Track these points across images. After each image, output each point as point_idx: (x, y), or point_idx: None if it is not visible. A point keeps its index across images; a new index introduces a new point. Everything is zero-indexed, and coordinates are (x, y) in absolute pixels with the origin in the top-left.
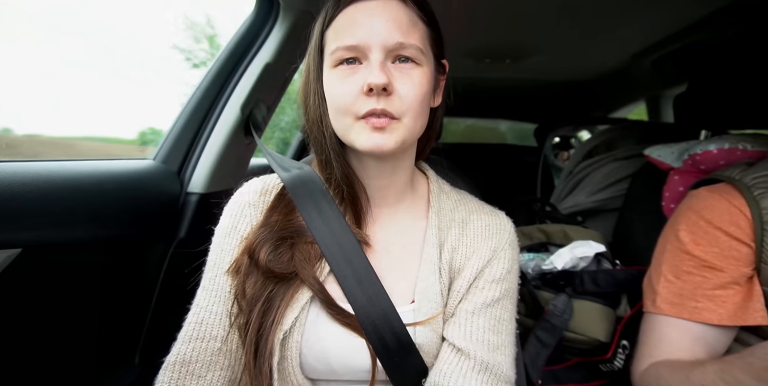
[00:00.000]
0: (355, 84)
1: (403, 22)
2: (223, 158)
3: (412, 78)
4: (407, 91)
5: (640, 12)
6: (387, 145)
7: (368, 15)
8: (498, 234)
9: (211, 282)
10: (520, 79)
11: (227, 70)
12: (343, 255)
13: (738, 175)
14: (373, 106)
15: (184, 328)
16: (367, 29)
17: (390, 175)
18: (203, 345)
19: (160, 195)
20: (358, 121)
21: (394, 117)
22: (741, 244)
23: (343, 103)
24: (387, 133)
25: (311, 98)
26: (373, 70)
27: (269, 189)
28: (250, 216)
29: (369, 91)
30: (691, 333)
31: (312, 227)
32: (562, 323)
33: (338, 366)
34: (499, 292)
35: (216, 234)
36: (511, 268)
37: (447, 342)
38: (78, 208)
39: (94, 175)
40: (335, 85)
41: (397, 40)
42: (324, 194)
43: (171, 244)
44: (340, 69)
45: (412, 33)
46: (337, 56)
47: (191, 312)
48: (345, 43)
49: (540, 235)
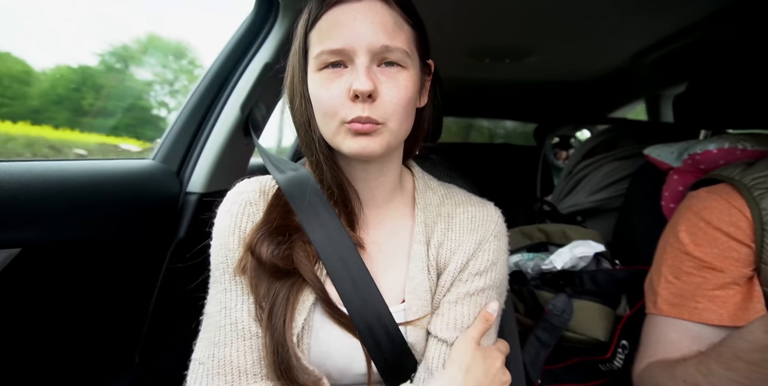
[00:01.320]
0: (340, 88)
1: (388, 24)
2: (223, 158)
3: (398, 82)
4: (393, 95)
5: (640, 12)
6: (372, 149)
7: (352, 17)
8: (483, 225)
9: (232, 283)
10: (520, 79)
11: (227, 69)
12: (339, 257)
13: (738, 175)
14: (358, 113)
15: (216, 332)
16: (351, 32)
17: (378, 176)
18: (246, 343)
19: (160, 195)
20: (343, 125)
21: (379, 122)
22: (741, 245)
23: (329, 108)
24: (372, 136)
25: (297, 101)
26: (360, 76)
27: (267, 189)
28: (252, 215)
29: (355, 98)
30: (690, 333)
31: (308, 228)
32: (561, 323)
33: (334, 370)
34: (483, 283)
35: (217, 235)
36: (496, 260)
37: (431, 335)
38: (77, 208)
39: (93, 175)
40: (320, 90)
41: (383, 43)
42: (319, 196)
43: (170, 244)
44: (325, 72)
45: (398, 36)
46: (322, 60)
47: (220, 315)
48: (329, 47)
49: (540, 235)
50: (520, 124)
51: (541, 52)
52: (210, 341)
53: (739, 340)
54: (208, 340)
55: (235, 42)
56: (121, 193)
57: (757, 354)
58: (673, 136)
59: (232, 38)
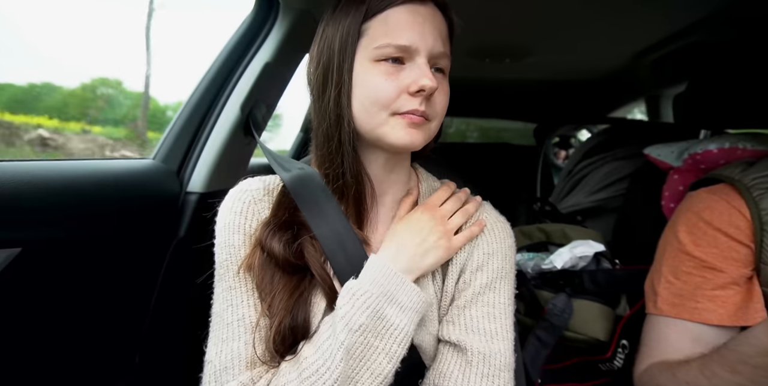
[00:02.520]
0: (400, 81)
1: (443, 33)
2: (223, 157)
3: (443, 88)
4: (441, 99)
5: (640, 12)
6: (418, 141)
7: (422, 20)
8: None
9: (236, 280)
10: (520, 79)
11: (227, 69)
12: (345, 255)
13: (738, 175)
14: (416, 106)
15: (224, 329)
16: (420, 33)
17: (389, 174)
18: (254, 337)
19: (160, 195)
20: (394, 116)
21: (428, 119)
22: (740, 245)
23: (384, 98)
24: (420, 130)
25: (333, 89)
26: (427, 74)
27: (271, 188)
28: (258, 213)
29: (416, 92)
30: (690, 333)
31: (314, 224)
32: (561, 322)
33: None
34: (486, 278)
35: (220, 233)
36: (493, 252)
37: (443, 341)
38: (77, 208)
39: (94, 175)
40: (378, 80)
41: (440, 49)
42: (325, 193)
43: (170, 244)
44: (383, 64)
45: (447, 45)
46: (386, 52)
47: (227, 313)
48: (398, 42)
49: (539, 235)
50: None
51: (541, 52)
52: (218, 339)
53: (745, 344)
54: (217, 338)
55: (235, 41)
56: (121, 192)
57: (763, 358)
58: (672, 135)
59: (233, 38)
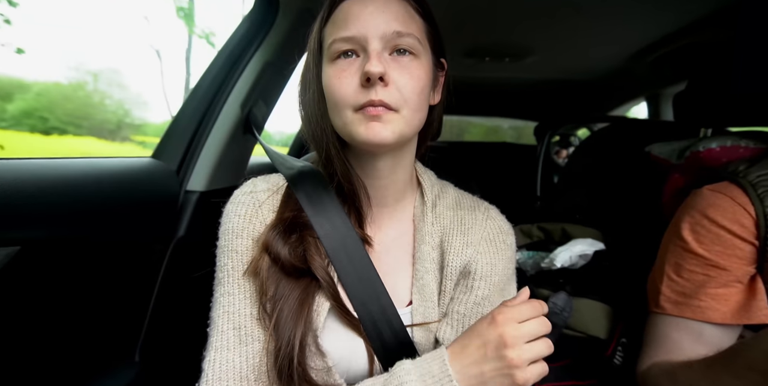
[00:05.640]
0: (353, 76)
1: (400, 13)
2: (223, 156)
3: (410, 70)
4: (405, 82)
5: (640, 12)
6: (384, 136)
7: (372, 8)
8: (485, 229)
9: (235, 286)
10: (520, 78)
11: (227, 68)
12: (346, 253)
13: (741, 172)
14: (370, 97)
15: (218, 337)
16: (364, 21)
17: (389, 174)
18: (248, 348)
19: (159, 194)
20: (356, 112)
21: (392, 108)
22: (744, 243)
23: (341, 96)
24: (384, 123)
25: (310, 95)
26: (371, 60)
27: (276, 188)
28: (263, 216)
29: (366, 82)
30: (693, 332)
31: (316, 224)
32: (562, 321)
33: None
34: (487, 289)
35: (224, 237)
36: (496, 262)
37: (441, 345)
38: (76, 206)
39: (93, 173)
40: (334, 79)
41: (395, 29)
42: (327, 192)
43: (170, 242)
44: (338, 63)
45: (410, 24)
46: (335, 49)
47: (222, 320)
48: (341, 35)
49: (539, 233)
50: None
51: (541, 51)
52: (212, 346)
53: (753, 350)
54: (211, 345)
55: (235, 41)
56: (120, 191)
57: None
58: (673, 134)
59: (232, 37)
